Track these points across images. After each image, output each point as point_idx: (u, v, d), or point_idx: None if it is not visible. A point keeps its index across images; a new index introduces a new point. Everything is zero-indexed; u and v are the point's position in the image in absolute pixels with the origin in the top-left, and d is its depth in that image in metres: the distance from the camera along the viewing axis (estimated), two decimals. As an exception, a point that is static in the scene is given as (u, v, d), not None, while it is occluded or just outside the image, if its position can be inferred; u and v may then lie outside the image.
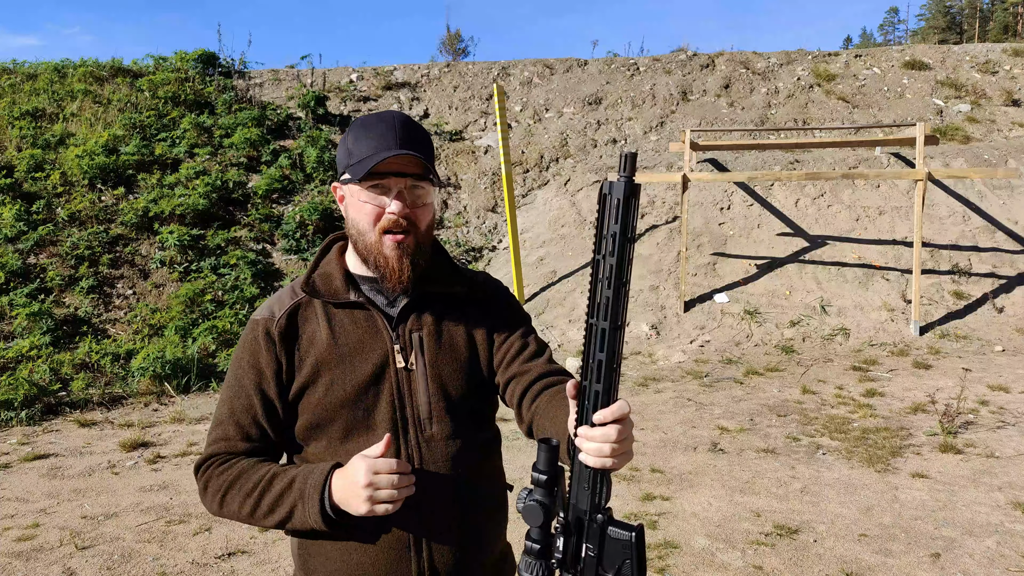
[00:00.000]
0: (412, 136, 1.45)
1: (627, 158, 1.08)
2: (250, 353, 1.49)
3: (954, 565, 3.95)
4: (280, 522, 1.42)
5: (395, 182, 1.43)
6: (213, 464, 1.48)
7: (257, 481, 1.42)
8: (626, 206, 1.07)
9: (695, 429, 6.36)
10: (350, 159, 1.46)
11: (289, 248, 10.64)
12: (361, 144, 1.44)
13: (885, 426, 6.31)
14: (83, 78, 13.08)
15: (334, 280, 1.52)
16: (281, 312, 1.50)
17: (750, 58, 14.99)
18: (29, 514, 4.79)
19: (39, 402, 7.17)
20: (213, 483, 1.46)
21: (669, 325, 9.63)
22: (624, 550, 1.13)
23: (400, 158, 1.41)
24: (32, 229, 9.87)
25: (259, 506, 1.41)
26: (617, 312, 1.10)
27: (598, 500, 1.15)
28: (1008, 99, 13.82)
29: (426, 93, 14.10)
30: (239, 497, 1.43)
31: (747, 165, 12.08)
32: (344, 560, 1.45)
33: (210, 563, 4.09)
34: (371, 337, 1.48)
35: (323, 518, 1.36)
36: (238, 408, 1.49)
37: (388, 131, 1.44)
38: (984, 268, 10.37)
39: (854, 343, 9.26)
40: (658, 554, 4.09)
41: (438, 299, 1.54)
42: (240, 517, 1.44)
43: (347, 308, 1.50)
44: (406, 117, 1.49)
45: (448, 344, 1.52)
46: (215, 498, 1.46)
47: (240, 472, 1.44)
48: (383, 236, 1.44)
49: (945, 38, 57.36)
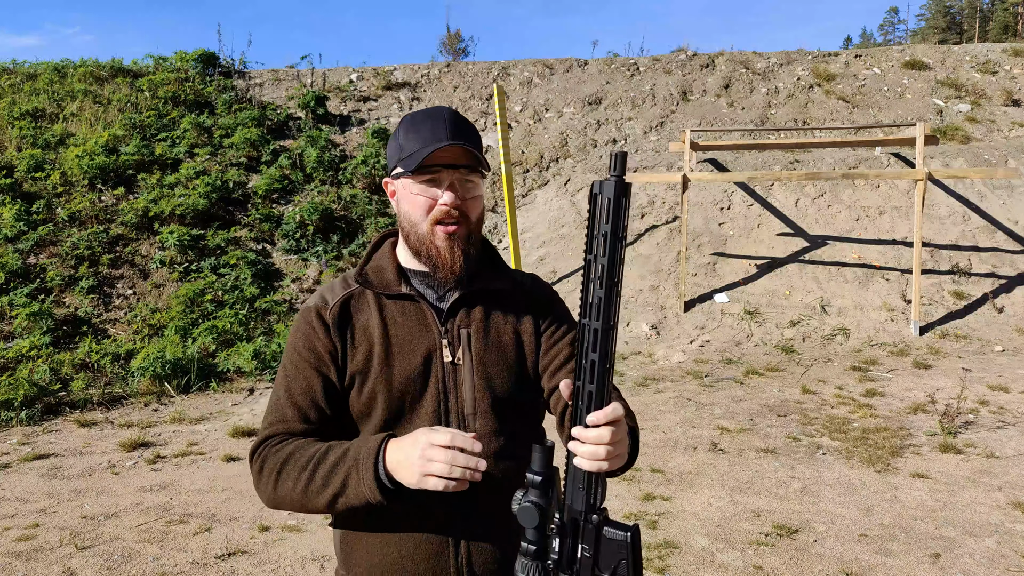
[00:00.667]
0: (462, 129, 1.47)
1: (617, 157, 1.08)
2: (305, 337, 1.49)
3: (954, 565, 3.95)
4: (333, 496, 1.35)
5: (447, 174, 1.44)
6: (269, 444, 1.44)
7: (312, 454, 1.39)
8: (617, 206, 1.07)
9: (695, 429, 6.36)
10: (401, 153, 1.47)
11: (289, 248, 10.64)
12: (412, 138, 1.46)
13: (885, 426, 6.31)
14: (83, 78, 13.09)
15: (386, 272, 1.54)
16: (334, 300, 1.51)
17: (750, 58, 14.99)
18: (29, 514, 4.79)
19: (39, 402, 7.16)
20: (269, 462, 1.42)
21: (669, 325, 9.63)
22: (619, 550, 1.12)
23: (451, 150, 1.43)
24: (32, 229, 9.87)
25: (313, 479, 1.36)
26: (609, 312, 1.09)
27: (593, 501, 1.15)
28: (1008, 99, 13.82)
29: (426, 93, 14.10)
30: (294, 472, 1.38)
31: (747, 165, 12.08)
32: (384, 554, 1.46)
33: (210, 563, 4.09)
34: (420, 330, 1.49)
35: (378, 486, 1.30)
36: (296, 390, 1.47)
37: (438, 124, 1.45)
38: (984, 268, 10.37)
39: (854, 343, 9.26)
40: (658, 554, 4.09)
41: (488, 296, 1.55)
42: (294, 498, 1.39)
43: (398, 300, 1.52)
44: (455, 113, 1.50)
45: (496, 341, 1.52)
46: (270, 478, 1.41)
47: (296, 447, 1.41)
48: (435, 227, 1.45)
49: (945, 38, 57.36)
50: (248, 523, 4.62)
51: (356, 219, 11.27)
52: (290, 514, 4.75)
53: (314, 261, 10.51)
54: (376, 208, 11.44)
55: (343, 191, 11.64)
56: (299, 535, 4.45)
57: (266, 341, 8.59)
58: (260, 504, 4.90)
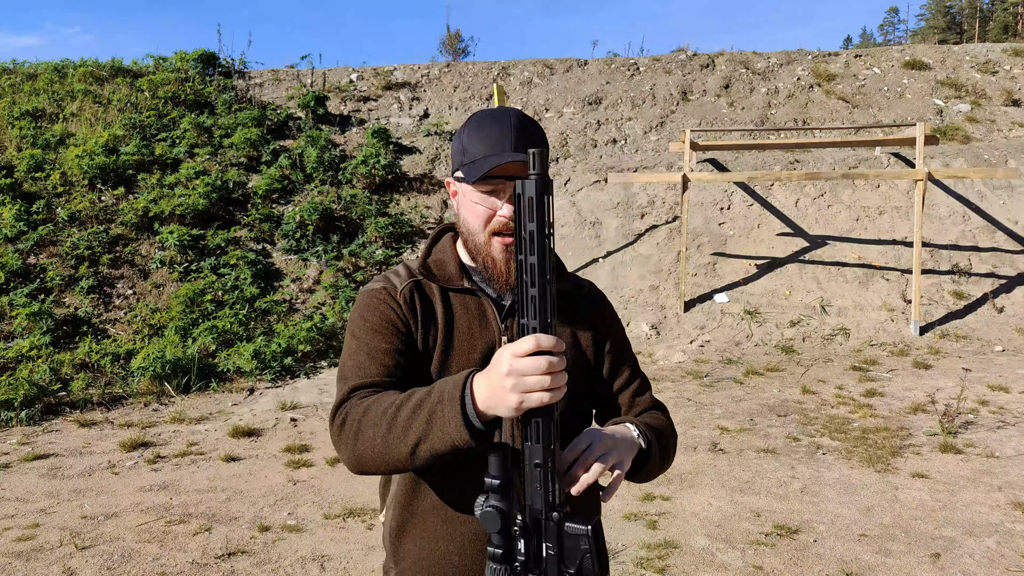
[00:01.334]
0: (527, 138, 1.44)
1: (535, 155, 1.09)
2: (378, 311, 1.46)
3: (954, 565, 3.95)
4: (416, 443, 1.25)
5: (508, 185, 1.42)
6: (354, 398, 1.37)
7: (395, 398, 1.31)
8: (540, 203, 1.09)
9: (695, 429, 6.36)
10: (464, 157, 1.46)
11: (289, 248, 10.64)
12: (476, 143, 1.44)
13: (885, 426, 6.31)
14: (83, 78, 13.09)
15: (448, 266, 1.53)
16: (403, 285, 1.50)
17: (750, 58, 14.99)
18: (29, 514, 4.79)
19: (39, 402, 7.16)
20: (352, 414, 1.34)
21: (669, 325, 9.63)
22: (582, 544, 1.13)
23: (517, 162, 1.41)
24: (32, 229, 9.87)
25: (394, 424, 1.27)
26: (545, 310, 1.10)
27: (551, 499, 1.14)
28: (1008, 99, 13.83)
29: (426, 93, 14.10)
30: (375, 418, 1.30)
31: (747, 165, 12.08)
32: (431, 548, 1.47)
33: (210, 563, 4.09)
34: (481, 325, 1.49)
35: (465, 423, 1.20)
36: (377, 350, 1.43)
37: (504, 132, 1.43)
38: (984, 268, 10.37)
39: (854, 343, 9.26)
40: (658, 554, 4.09)
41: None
42: (376, 450, 1.29)
43: (460, 293, 1.52)
44: (522, 116, 1.47)
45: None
46: (351, 431, 1.32)
47: (380, 395, 1.35)
48: (492, 238, 1.45)
49: (945, 38, 57.36)
50: (248, 523, 4.62)
51: (356, 219, 11.27)
52: (290, 514, 4.75)
53: (314, 261, 10.51)
54: (376, 208, 11.44)
55: (343, 191, 11.64)
56: (299, 535, 4.45)
57: (266, 341, 8.59)
58: (260, 504, 4.90)
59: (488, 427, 1.21)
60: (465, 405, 1.20)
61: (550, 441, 1.13)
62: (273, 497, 5.04)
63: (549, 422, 1.13)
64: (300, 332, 8.71)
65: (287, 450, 5.98)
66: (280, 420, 6.82)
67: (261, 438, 6.38)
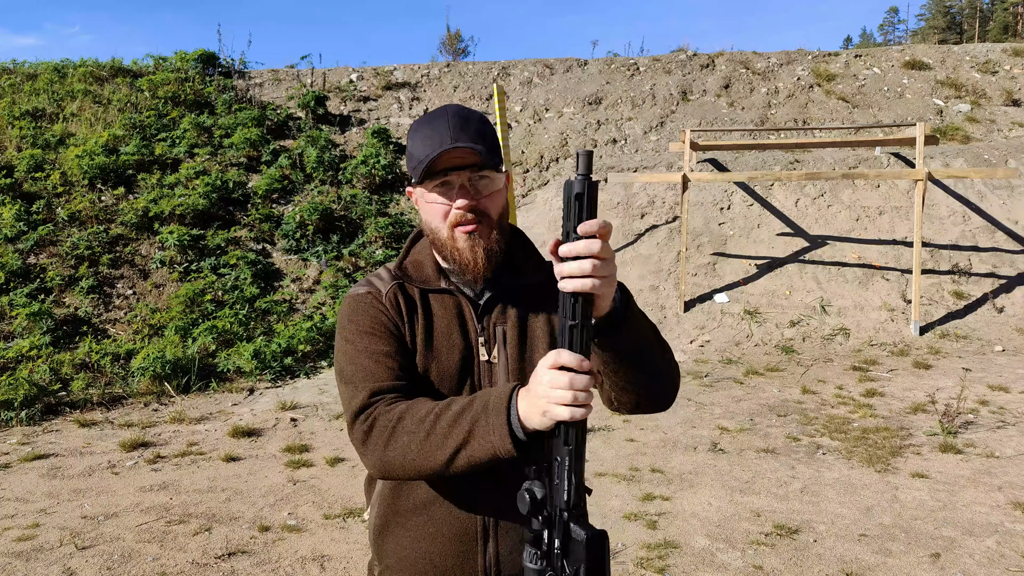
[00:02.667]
0: (466, 127, 1.45)
1: (581, 156, 1.12)
2: (368, 315, 1.47)
3: (954, 565, 3.95)
4: (456, 449, 1.27)
5: (456, 177, 1.43)
6: (379, 403, 1.37)
7: (433, 406, 1.32)
8: (579, 203, 1.12)
9: (695, 429, 6.36)
10: (411, 161, 1.48)
11: (289, 248, 10.64)
12: (419, 145, 1.46)
13: (885, 426, 6.31)
14: (83, 78, 13.09)
15: (425, 268, 1.54)
16: (385, 288, 1.51)
17: (750, 58, 14.99)
18: (29, 514, 4.79)
19: (39, 402, 7.16)
20: (381, 420, 1.34)
21: (669, 325, 9.63)
22: (579, 550, 1.14)
23: (457, 152, 1.42)
24: (32, 229, 9.87)
25: (434, 430, 1.29)
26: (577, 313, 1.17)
27: (566, 497, 1.16)
28: (1008, 99, 13.83)
29: (426, 93, 14.10)
30: (410, 425, 1.31)
31: (747, 165, 12.08)
32: (414, 548, 1.48)
33: (210, 563, 4.09)
34: (458, 327, 1.50)
35: (510, 433, 1.23)
36: (377, 352, 1.43)
37: (442, 127, 1.44)
38: (984, 268, 10.37)
39: (854, 343, 9.26)
40: (658, 554, 4.09)
41: (524, 291, 1.54)
42: (409, 455, 1.31)
43: (438, 294, 1.52)
44: (459, 108, 1.48)
45: (531, 338, 1.52)
46: (381, 437, 1.33)
47: (414, 402, 1.35)
48: (454, 231, 1.45)
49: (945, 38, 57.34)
50: (248, 523, 4.62)
51: (356, 219, 11.27)
52: (290, 514, 4.75)
53: (314, 261, 10.51)
54: (376, 208, 11.44)
55: (343, 191, 11.64)
56: (299, 535, 4.45)
57: (266, 341, 8.59)
58: (260, 504, 4.90)
59: (529, 439, 1.23)
60: (511, 415, 1.23)
61: (572, 442, 1.16)
62: (273, 497, 5.04)
63: (574, 427, 1.16)
64: (300, 332, 8.71)
65: (287, 450, 5.98)
66: (280, 420, 6.82)
67: (261, 438, 6.38)
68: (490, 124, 1.52)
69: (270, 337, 8.82)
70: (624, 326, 1.29)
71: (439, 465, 1.29)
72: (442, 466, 1.29)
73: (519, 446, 1.23)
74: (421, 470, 1.32)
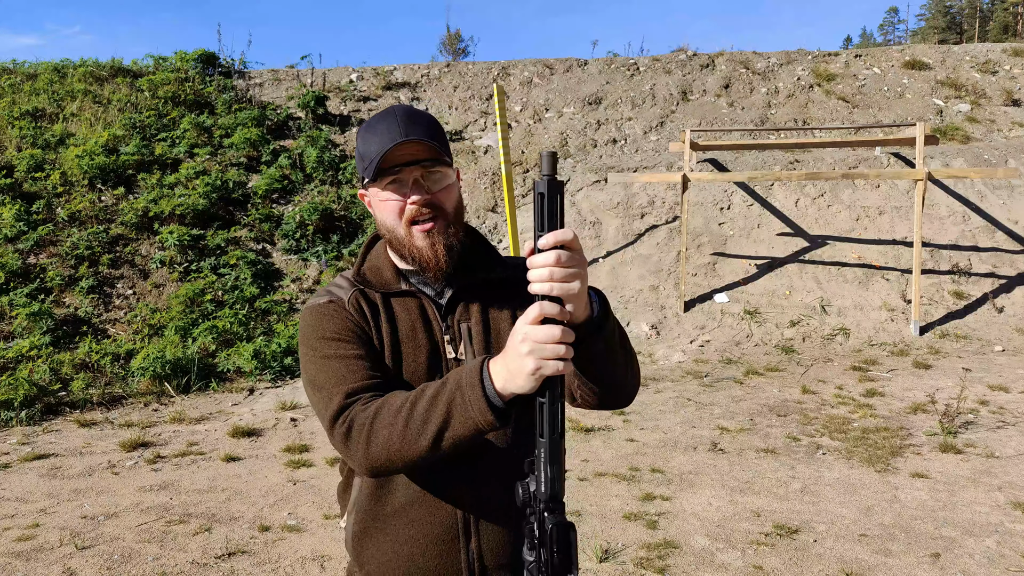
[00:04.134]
0: (415, 123, 1.44)
1: (545, 157, 1.16)
2: (333, 323, 1.45)
3: (954, 565, 3.95)
4: (438, 431, 1.27)
5: (409, 172, 1.43)
6: (354, 404, 1.36)
7: (407, 396, 1.32)
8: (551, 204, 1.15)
9: (695, 429, 6.36)
10: (363, 162, 1.47)
11: (289, 248, 10.64)
12: (369, 145, 1.45)
13: (885, 426, 6.31)
14: (83, 78, 13.08)
15: (384, 272, 1.53)
16: (347, 296, 1.50)
17: (750, 58, 14.99)
18: (29, 514, 4.79)
19: (39, 402, 7.16)
20: (359, 419, 1.33)
21: (669, 325, 9.63)
22: (547, 540, 1.18)
23: (408, 147, 1.41)
24: (32, 229, 9.86)
25: (412, 418, 1.28)
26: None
27: (544, 487, 1.19)
28: (1008, 99, 13.83)
29: (426, 93, 14.10)
30: (388, 418, 1.30)
31: (747, 165, 12.08)
32: (395, 552, 1.47)
33: (210, 563, 4.09)
34: (423, 327, 1.50)
35: (488, 405, 1.23)
36: (347, 356, 1.41)
37: (391, 125, 1.43)
38: (984, 268, 10.37)
39: (854, 343, 9.26)
40: (658, 554, 4.09)
41: (484, 287, 1.54)
42: (392, 447, 1.30)
43: (400, 297, 1.52)
44: (408, 108, 1.48)
45: (496, 334, 1.52)
46: (361, 435, 1.32)
47: (388, 397, 1.35)
48: (411, 228, 1.45)
49: (945, 38, 57.35)
50: (248, 523, 4.62)
51: (356, 219, 11.27)
52: (290, 514, 4.75)
53: (314, 261, 10.52)
54: (376, 208, 11.44)
55: (343, 191, 11.64)
56: (299, 535, 4.45)
57: (266, 341, 8.59)
58: (260, 504, 4.90)
59: (509, 407, 1.24)
60: (485, 387, 1.24)
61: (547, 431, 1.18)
62: (273, 497, 5.04)
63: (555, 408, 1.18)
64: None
65: (287, 450, 5.98)
66: (280, 420, 6.82)
67: (261, 438, 6.38)
68: (439, 123, 1.51)
69: (270, 337, 8.82)
70: (598, 335, 1.30)
71: (424, 450, 1.29)
72: (428, 451, 1.29)
73: (499, 415, 1.24)
74: (408, 459, 1.31)
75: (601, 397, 1.42)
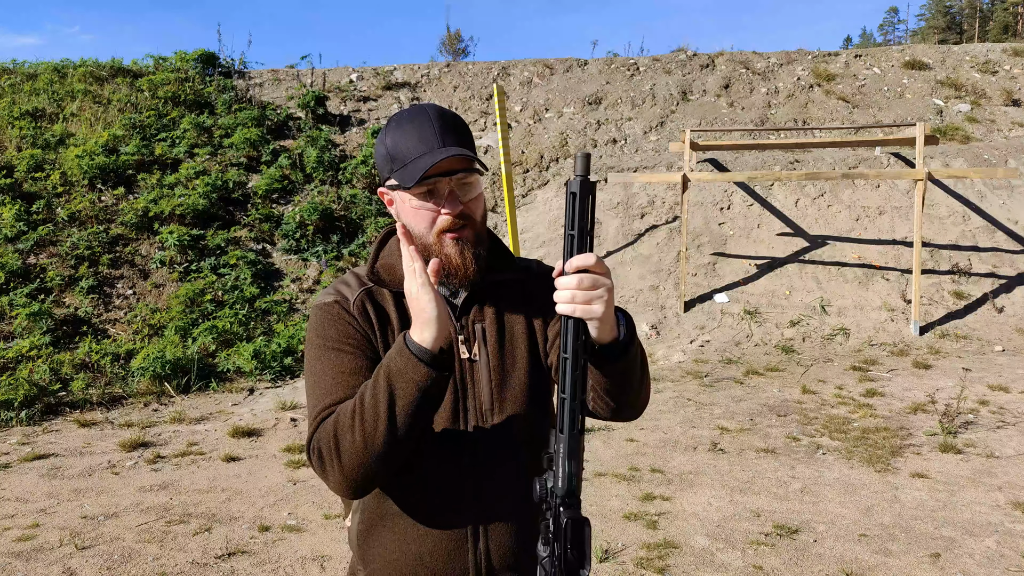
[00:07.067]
0: (452, 129, 1.42)
1: (579, 159, 1.20)
2: (335, 327, 1.46)
3: (954, 565, 3.95)
4: (388, 410, 1.29)
5: (445, 183, 1.40)
6: (320, 429, 1.38)
7: (351, 401, 1.35)
8: (582, 204, 1.20)
9: (695, 429, 6.36)
10: (393, 164, 1.43)
11: (289, 248, 10.64)
12: (401, 146, 1.41)
13: (885, 426, 6.31)
14: (83, 78, 13.08)
15: (398, 269, 1.50)
16: (354, 295, 1.49)
17: (750, 58, 14.99)
18: (29, 514, 4.79)
19: (39, 402, 7.16)
20: (323, 439, 1.35)
21: (669, 325, 9.63)
22: (561, 535, 1.19)
23: (449, 158, 1.39)
24: (32, 229, 9.86)
25: (364, 410, 1.30)
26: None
27: (561, 483, 1.20)
28: (1008, 99, 13.83)
29: (426, 93, 14.10)
30: (345, 421, 1.32)
31: (747, 165, 12.08)
32: (402, 551, 1.46)
33: (210, 563, 4.09)
34: None
35: (418, 359, 1.28)
36: (342, 371, 1.42)
37: (427, 129, 1.40)
38: (984, 268, 10.37)
39: (854, 343, 9.26)
40: (658, 554, 4.09)
41: (498, 287, 1.53)
42: (357, 450, 1.31)
43: None
44: (440, 110, 1.45)
45: (510, 334, 1.52)
46: (329, 454, 1.33)
47: (341, 407, 1.37)
48: (441, 236, 1.43)
49: (945, 38, 57.34)
50: (248, 523, 4.62)
51: (356, 219, 11.27)
52: (290, 514, 4.75)
53: (314, 261, 10.52)
54: (376, 208, 11.43)
55: (343, 191, 11.64)
56: (299, 535, 4.45)
57: (266, 341, 8.59)
58: (260, 504, 4.90)
59: (441, 353, 1.29)
60: (409, 345, 1.30)
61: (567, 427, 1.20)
62: (273, 497, 5.04)
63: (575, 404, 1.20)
64: (300, 332, 8.71)
65: (287, 450, 5.98)
66: (280, 420, 6.82)
67: (261, 438, 6.38)
68: (467, 125, 1.49)
69: (270, 337, 8.82)
70: (623, 358, 1.31)
71: (386, 434, 1.29)
72: (389, 434, 1.29)
73: (431, 363, 1.28)
74: (379, 452, 1.30)
75: (614, 412, 1.43)
